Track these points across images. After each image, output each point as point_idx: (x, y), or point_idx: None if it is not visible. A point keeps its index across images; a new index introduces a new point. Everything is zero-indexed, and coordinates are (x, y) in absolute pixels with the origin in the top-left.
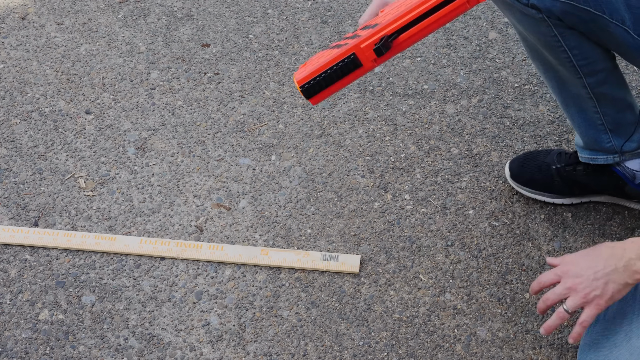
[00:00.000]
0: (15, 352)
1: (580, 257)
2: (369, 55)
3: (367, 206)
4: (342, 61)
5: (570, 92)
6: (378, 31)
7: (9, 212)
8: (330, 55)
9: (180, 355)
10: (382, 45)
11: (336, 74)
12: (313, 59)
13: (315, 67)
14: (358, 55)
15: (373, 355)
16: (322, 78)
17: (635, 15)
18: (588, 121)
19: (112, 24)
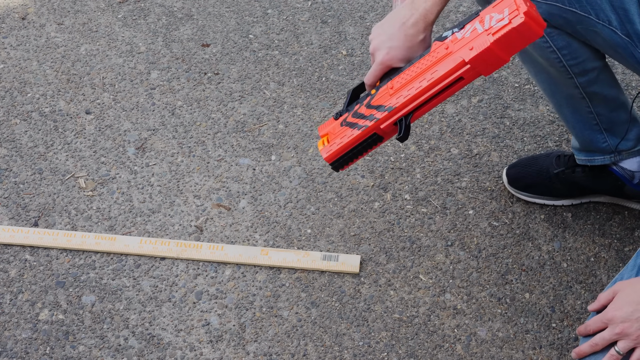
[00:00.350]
0: (15, 352)
1: (622, 301)
2: (389, 131)
3: (367, 206)
4: (365, 140)
5: (563, 93)
6: (394, 113)
7: (9, 212)
8: (352, 135)
9: (180, 355)
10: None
11: (360, 151)
12: (334, 130)
13: (340, 146)
14: (379, 133)
15: (373, 355)
16: (349, 156)
17: (621, 15)
18: (583, 122)
19: (112, 24)
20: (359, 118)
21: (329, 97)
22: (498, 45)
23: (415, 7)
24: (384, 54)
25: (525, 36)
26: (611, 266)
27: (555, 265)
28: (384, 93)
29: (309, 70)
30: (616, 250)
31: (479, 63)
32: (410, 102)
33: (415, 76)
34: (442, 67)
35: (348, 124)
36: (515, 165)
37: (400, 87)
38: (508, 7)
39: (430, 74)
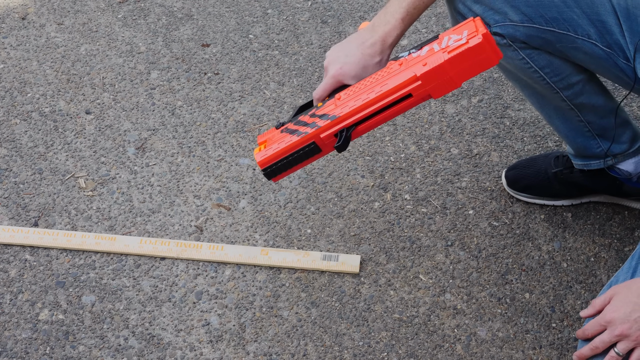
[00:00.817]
0: (15, 352)
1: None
2: (329, 142)
3: (367, 206)
4: (302, 148)
5: (551, 106)
6: (336, 123)
7: (9, 212)
8: (289, 140)
9: (180, 355)
10: (345, 139)
11: (296, 160)
12: (273, 137)
13: (276, 151)
14: (317, 143)
15: (373, 355)
16: (283, 163)
17: (599, 28)
18: (574, 130)
19: (112, 24)
20: (301, 125)
21: None
22: (451, 63)
23: (375, 30)
24: (337, 68)
25: (480, 59)
26: (611, 266)
27: (555, 265)
28: (330, 104)
29: (309, 70)
30: (616, 250)
31: (430, 80)
32: (355, 114)
33: (363, 90)
34: (392, 81)
35: (288, 130)
36: (514, 167)
37: (347, 99)
38: (467, 29)
39: (380, 87)
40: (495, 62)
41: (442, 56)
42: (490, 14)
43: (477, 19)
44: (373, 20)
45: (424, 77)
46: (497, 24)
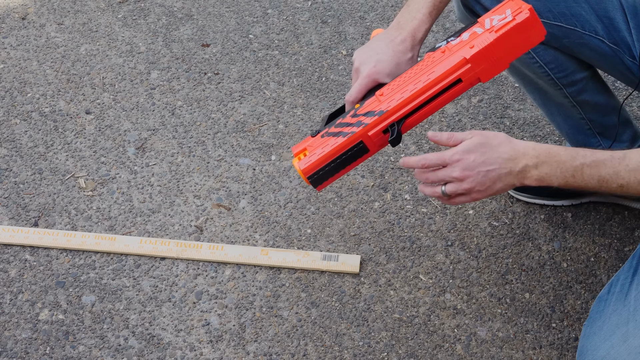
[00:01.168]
0: (15, 352)
1: (477, 149)
2: (377, 140)
3: (367, 206)
4: (350, 149)
5: (553, 102)
6: (386, 118)
7: (9, 212)
8: (334, 142)
9: (180, 355)
10: (397, 134)
11: (344, 162)
12: (313, 143)
13: (322, 155)
14: (366, 142)
15: (373, 355)
16: (331, 167)
17: (607, 25)
18: (575, 127)
19: (112, 24)
20: (344, 127)
21: (329, 97)
22: (501, 42)
23: (402, 26)
24: (370, 67)
25: (527, 36)
26: (611, 266)
27: (555, 265)
28: (372, 102)
29: (309, 70)
30: (616, 250)
31: (480, 62)
32: (404, 106)
33: (408, 80)
34: (439, 68)
35: (330, 134)
36: None
37: (391, 93)
38: (510, 8)
39: (427, 76)
40: (542, 37)
41: (489, 36)
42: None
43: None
44: (397, 19)
45: (474, 59)
46: None
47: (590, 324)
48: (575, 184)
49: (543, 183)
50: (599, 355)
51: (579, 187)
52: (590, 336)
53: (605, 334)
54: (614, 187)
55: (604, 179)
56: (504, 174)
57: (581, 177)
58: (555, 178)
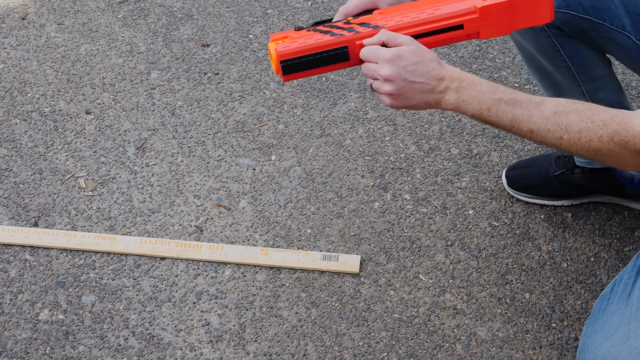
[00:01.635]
0: (15, 352)
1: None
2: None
3: (367, 206)
4: (333, 50)
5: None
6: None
7: (9, 212)
8: (320, 39)
9: (180, 355)
10: None
11: (320, 61)
12: (297, 34)
13: (303, 47)
14: (350, 50)
15: (373, 355)
16: (307, 61)
17: (636, 21)
18: None
19: (112, 24)
20: (334, 29)
21: (329, 97)
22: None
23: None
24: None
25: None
26: (611, 266)
27: (555, 265)
28: (369, 17)
29: None
30: (616, 250)
31: (487, 16)
32: (400, 28)
33: (413, 8)
34: (447, 8)
35: (320, 30)
36: (514, 167)
37: (393, 14)
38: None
39: (432, 10)
40: (549, 19)
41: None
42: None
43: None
44: None
45: (483, 11)
46: None
47: (592, 322)
48: (489, 118)
49: (458, 109)
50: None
51: (491, 123)
52: (592, 334)
53: (607, 333)
54: (524, 131)
55: (517, 120)
56: (427, 90)
57: (496, 112)
58: (472, 107)
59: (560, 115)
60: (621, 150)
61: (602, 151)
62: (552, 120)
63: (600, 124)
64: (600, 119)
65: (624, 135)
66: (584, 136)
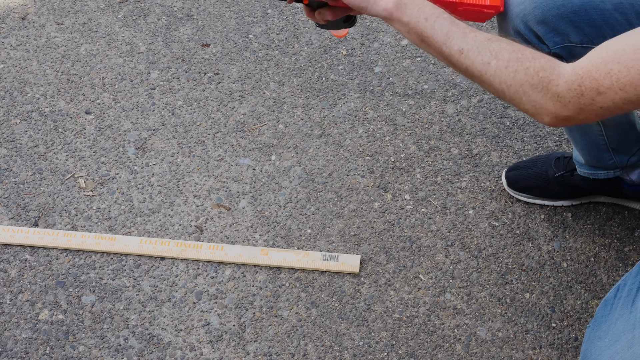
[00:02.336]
0: (15, 352)
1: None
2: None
3: (367, 206)
4: None
5: None
6: None
7: (9, 212)
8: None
9: (180, 355)
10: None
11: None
12: None
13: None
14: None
15: (373, 355)
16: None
17: None
18: (591, 143)
19: (112, 24)
20: None
21: (329, 97)
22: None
23: None
24: None
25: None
26: (611, 266)
27: (555, 265)
28: None
29: (309, 70)
30: (616, 250)
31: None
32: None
33: None
34: None
35: None
36: (514, 167)
37: None
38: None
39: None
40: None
41: None
42: (551, 36)
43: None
44: None
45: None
46: (557, 45)
47: (595, 327)
48: (424, 29)
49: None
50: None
51: (424, 37)
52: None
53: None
54: (455, 50)
55: (451, 35)
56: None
57: (432, 24)
58: (410, 12)
59: (493, 42)
60: (542, 90)
61: (524, 86)
62: (484, 45)
63: (529, 57)
64: (530, 52)
65: (549, 71)
66: (511, 65)
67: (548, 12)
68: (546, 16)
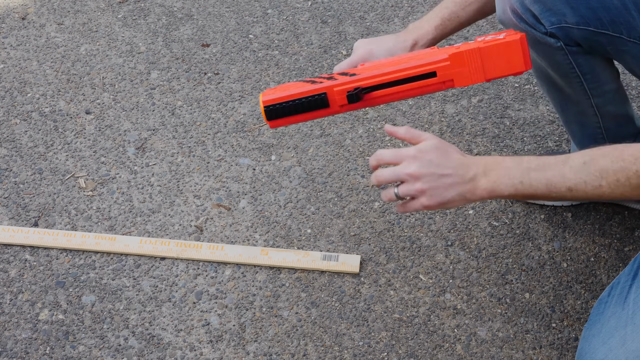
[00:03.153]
0: (15, 352)
1: (433, 152)
2: (339, 99)
3: (367, 206)
4: (312, 96)
5: (574, 110)
6: (354, 81)
7: (9, 212)
8: (302, 87)
9: (180, 355)
10: (355, 94)
11: (302, 107)
12: (284, 86)
13: (285, 94)
14: (328, 96)
15: (373, 355)
16: (288, 106)
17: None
18: (589, 136)
19: (112, 24)
20: (318, 78)
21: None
22: (484, 52)
23: (409, 31)
24: (366, 49)
25: (511, 59)
26: (611, 266)
27: (555, 265)
28: (351, 69)
29: (309, 70)
30: (616, 250)
31: (458, 63)
32: (374, 77)
33: (390, 62)
34: (421, 59)
35: (305, 80)
36: None
37: (372, 67)
38: (508, 33)
39: (407, 62)
40: (523, 69)
41: (476, 44)
42: (548, 15)
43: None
44: (409, 25)
45: (454, 57)
46: (553, 25)
47: (590, 326)
48: (525, 191)
49: (493, 193)
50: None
51: (530, 196)
52: (589, 339)
53: (604, 337)
54: (564, 191)
55: (552, 182)
56: (457, 182)
57: (529, 182)
58: (505, 185)
59: (591, 164)
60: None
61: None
62: (585, 171)
63: (631, 160)
64: (630, 154)
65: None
66: (621, 176)
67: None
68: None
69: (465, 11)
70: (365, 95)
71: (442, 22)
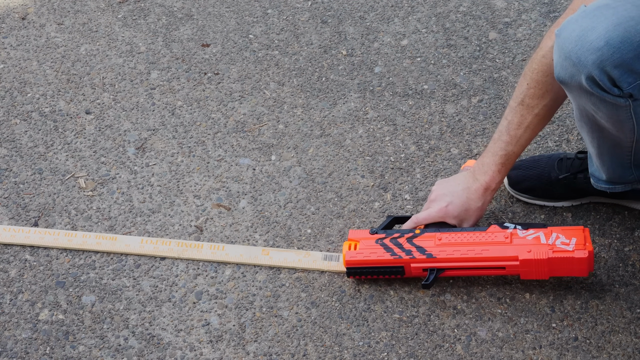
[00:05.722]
0: (15, 352)
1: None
2: (415, 272)
3: (367, 206)
4: (390, 267)
5: (610, 143)
6: (431, 261)
7: (9, 212)
8: (382, 256)
9: (180, 355)
10: (431, 281)
11: (380, 273)
12: (367, 243)
13: (366, 259)
14: (405, 269)
15: (373, 355)
16: (367, 271)
17: None
18: (618, 163)
19: (112, 24)
20: (396, 246)
21: (329, 97)
22: (552, 262)
23: (477, 178)
24: (442, 206)
25: (575, 268)
26: (611, 266)
27: None
28: (429, 239)
29: (309, 70)
30: (616, 250)
31: (527, 266)
32: (451, 261)
33: (465, 243)
34: (494, 251)
35: (384, 245)
36: (515, 167)
37: (448, 244)
38: (577, 237)
39: (481, 249)
40: (585, 274)
41: (546, 252)
42: (626, 77)
43: (586, 230)
44: (473, 167)
45: (524, 262)
46: (630, 85)
47: None
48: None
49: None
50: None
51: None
52: None
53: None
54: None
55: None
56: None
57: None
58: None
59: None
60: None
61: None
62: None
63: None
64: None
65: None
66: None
67: (626, 54)
68: (624, 59)
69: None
70: (440, 274)
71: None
